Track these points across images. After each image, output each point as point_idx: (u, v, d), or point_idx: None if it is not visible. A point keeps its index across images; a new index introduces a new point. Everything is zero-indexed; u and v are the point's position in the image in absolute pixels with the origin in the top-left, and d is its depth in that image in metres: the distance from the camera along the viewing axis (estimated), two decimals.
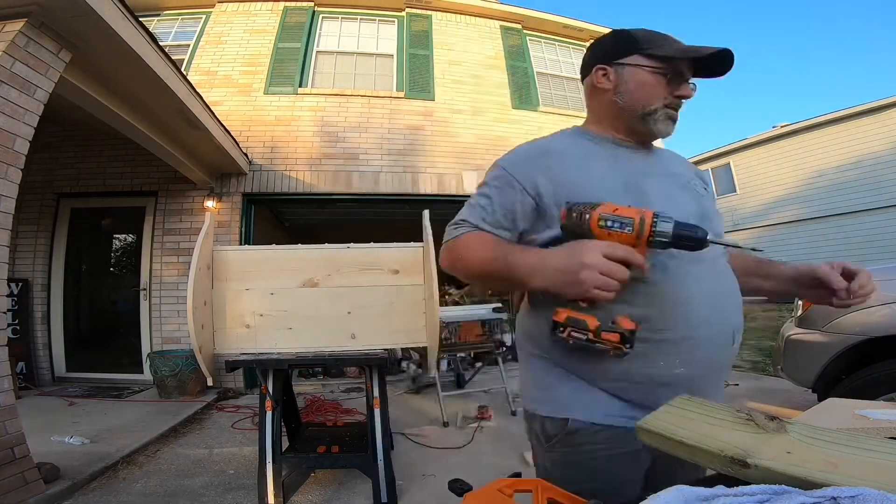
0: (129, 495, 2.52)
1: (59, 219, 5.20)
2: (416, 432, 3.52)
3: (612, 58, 0.96)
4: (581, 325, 0.78)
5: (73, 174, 5.22)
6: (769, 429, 0.56)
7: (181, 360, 4.39)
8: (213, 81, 5.82)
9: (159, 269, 5.07)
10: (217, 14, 6.36)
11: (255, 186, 5.43)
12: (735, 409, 0.63)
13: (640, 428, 0.61)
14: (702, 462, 0.54)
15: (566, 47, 7.61)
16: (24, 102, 2.37)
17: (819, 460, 0.48)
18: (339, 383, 5.24)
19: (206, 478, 2.77)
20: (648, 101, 0.93)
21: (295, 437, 2.87)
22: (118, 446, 3.06)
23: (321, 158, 5.69)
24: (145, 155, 4.50)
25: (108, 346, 5.25)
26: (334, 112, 5.92)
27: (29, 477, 2.30)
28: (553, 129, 1.02)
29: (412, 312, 2.55)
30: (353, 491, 2.58)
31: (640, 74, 0.93)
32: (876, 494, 0.39)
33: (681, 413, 0.63)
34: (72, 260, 5.25)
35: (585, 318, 0.78)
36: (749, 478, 0.48)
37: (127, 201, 5.32)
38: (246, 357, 2.39)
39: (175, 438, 3.47)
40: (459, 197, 6.02)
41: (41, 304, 4.98)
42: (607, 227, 0.76)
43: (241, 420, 3.92)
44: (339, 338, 2.52)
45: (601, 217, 0.77)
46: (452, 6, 6.88)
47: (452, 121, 6.27)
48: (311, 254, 2.59)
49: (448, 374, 5.39)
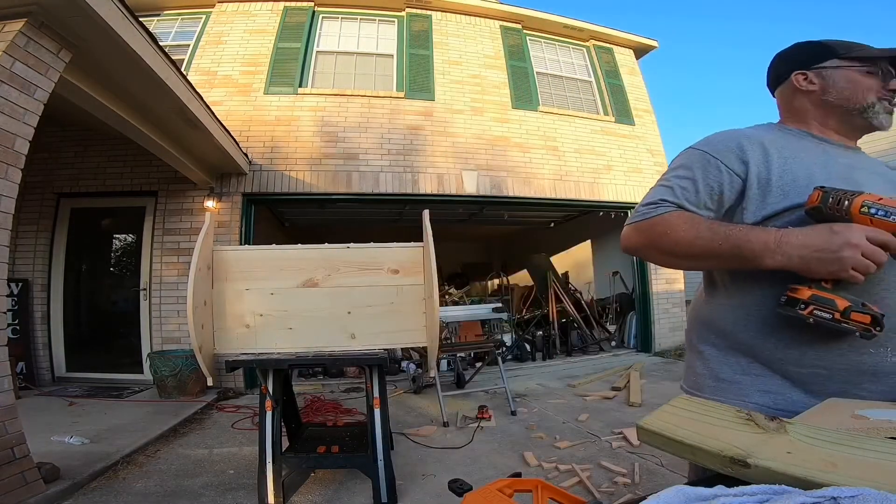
0: (129, 495, 2.53)
1: (59, 219, 5.20)
2: (416, 432, 3.52)
3: (810, 63, 1.04)
4: (828, 305, 0.78)
5: (73, 174, 5.22)
6: (769, 429, 0.56)
7: (181, 360, 4.39)
8: (213, 81, 5.83)
9: (159, 269, 5.07)
10: (217, 14, 6.36)
11: (255, 186, 5.43)
12: (735, 409, 0.63)
13: (641, 428, 0.61)
14: (702, 462, 0.54)
15: (566, 47, 7.62)
16: (24, 102, 2.37)
17: (819, 460, 0.48)
18: (339, 383, 5.24)
19: (206, 478, 2.77)
20: (863, 97, 0.99)
21: (295, 437, 2.87)
22: (118, 446, 3.06)
23: (321, 158, 5.69)
24: (145, 155, 4.50)
25: (108, 346, 5.25)
26: (334, 112, 5.92)
27: (29, 477, 2.30)
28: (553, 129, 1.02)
29: (412, 312, 2.55)
30: (353, 491, 2.57)
31: (850, 73, 1.00)
32: (876, 494, 0.38)
33: (681, 413, 0.63)
34: (72, 260, 5.25)
35: (834, 297, 0.78)
36: (749, 478, 0.48)
37: (127, 201, 5.32)
38: (246, 357, 2.39)
39: (175, 438, 3.47)
40: (459, 197, 6.03)
41: (41, 304, 4.98)
42: (870, 213, 0.78)
43: (242, 420, 3.92)
44: (339, 338, 2.52)
45: (865, 204, 0.79)
46: (452, 6, 6.88)
47: (452, 121, 6.27)
48: (311, 254, 2.59)
49: (448, 374, 5.40)
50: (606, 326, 7.36)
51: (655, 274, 6.87)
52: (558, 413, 3.98)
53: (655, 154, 7.33)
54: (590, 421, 3.72)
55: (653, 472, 2.69)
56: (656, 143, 7.41)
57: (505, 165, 6.29)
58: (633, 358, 6.41)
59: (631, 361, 6.07)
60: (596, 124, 7.07)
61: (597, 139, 6.96)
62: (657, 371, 5.58)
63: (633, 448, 3.04)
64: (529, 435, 3.45)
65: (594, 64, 7.56)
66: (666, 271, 6.93)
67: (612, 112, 7.22)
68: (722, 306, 1.00)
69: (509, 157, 6.35)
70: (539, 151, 6.54)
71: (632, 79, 7.64)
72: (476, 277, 10.59)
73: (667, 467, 2.69)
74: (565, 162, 6.64)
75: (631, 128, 7.28)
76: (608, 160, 6.92)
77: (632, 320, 7.16)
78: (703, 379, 1.02)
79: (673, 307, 6.98)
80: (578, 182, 6.61)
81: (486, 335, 5.84)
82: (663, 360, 6.25)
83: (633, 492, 2.48)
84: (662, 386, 4.79)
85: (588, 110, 7.23)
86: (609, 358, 6.51)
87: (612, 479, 2.62)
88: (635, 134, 7.28)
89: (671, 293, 7.00)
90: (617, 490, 2.51)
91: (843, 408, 0.68)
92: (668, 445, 0.58)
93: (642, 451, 2.96)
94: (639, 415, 3.76)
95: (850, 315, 0.76)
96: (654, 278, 6.85)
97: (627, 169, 7.02)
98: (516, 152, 6.41)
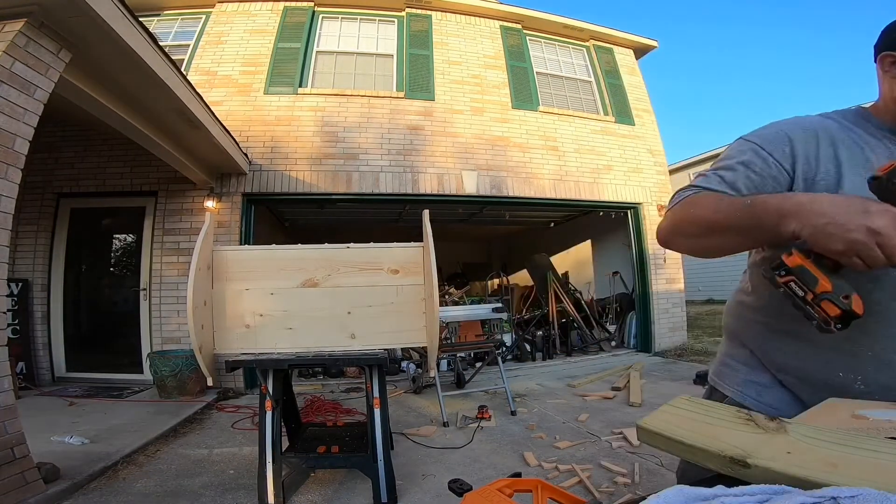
0: (129, 495, 2.53)
1: (58, 219, 5.20)
2: (416, 432, 3.52)
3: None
4: (809, 281, 0.69)
5: (72, 174, 5.22)
6: (769, 429, 0.56)
7: (181, 360, 4.39)
8: (213, 81, 5.83)
9: (159, 269, 5.07)
10: (217, 14, 6.36)
11: (255, 186, 5.44)
12: (735, 409, 0.63)
13: (641, 428, 0.61)
14: (702, 462, 0.54)
15: (566, 47, 7.62)
16: (23, 102, 2.37)
17: (819, 460, 0.48)
18: (339, 383, 5.24)
19: (206, 478, 2.77)
20: None
21: (295, 437, 2.87)
22: (118, 446, 3.06)
23: (321, 158, 5.69)
24: (145, 155, 4.50)
25: (108, 346, 5.25)
26: (334, 112, 5.92)
27: (29, 477, 2.30)
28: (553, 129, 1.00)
29: (412, 312, 2.55)
30: (353, 491, 2.57)
31: None
32: (876, 494, 0.38)
33: (681, 413, 0.63)
34: (72, 260, 5.25)
35: (822, 277, 0.68)
36: (749, 478, 0.48)
37: (127, 201, 5.32)
38: (246, 357, 2.39)
39: (175, 438, 3.47)
40: (459, 197, 6.03)
41: (41, 304, 4.98)
42: None
43: (241, 420, 3.92)
44: (338, 338, 2.52)
45: None
46: (452, 6, 6.88)
47: (452, 120, 6.27)
48: (311, 254, 2.59)
49: (448, 374, 5.40)
50: (606, 326, 7.36)
51: (655, 274, 6.87)
52: (558, 413, 3.98)
53: (655, 154, 7.33)
54: (590, 421, 3.72)
55: (653, 472, 2.69)
56: (656, 143, 7.41)
57: (505, 165, 6.29)
58: (632, 358, 6.41)
59: (631, 361, 6.06)
60: (596, 124, 7.07)
61: (597, 139, 6.97)
62: (657, 371, 5.58)
63: (633, 448, 3.04)
64: (529, 435, 3.45)
65: (594, 64, 7.56)
66: (666, 271, 6.93)
67: (612, 112, 7.22)
68: (739, 293, 1.03)
69: (509, 157, 6.35)
70: (539, 151, 6.54)
71: (632, 79, 7.64)
72: (476, 277, 10.59)
73: (667, 467, 2.69)
74: (565, 162, 6.64)
75: (631, 128, 7.28)
76: (608, 160, 6.92)
77: (632, 320, 7.16)
78: (717, 361, 1.06)
79: (673, 307, 6.98)
80: (578, 182, 6.61)
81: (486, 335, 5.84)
82: (663, 360, 6.25)
83: (634, 492, 2.48)
84: (662, 386, 4.79)
85: (588, 110, 7.22)
86: (609, 358, 6.51)
87: (612, 479, 2.62)
88: (635, 134, 7.28)
89: (671, 293, 7.00)
90: (617, 490, 2.51)
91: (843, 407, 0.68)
92: (668, 445, 0.58)
93: (642, 451, 2.96)
94: (639, 415, 3.77)
95: (821, 302, 0.67)
96: (654, 278, 6.85)
97: (627, 169, 7.02)
98: (516, 152, 6.41)
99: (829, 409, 0.69)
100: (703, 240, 0.85)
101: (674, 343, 6.81)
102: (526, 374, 5.66)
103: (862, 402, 0.71)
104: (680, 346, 6.76)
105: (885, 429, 0.57)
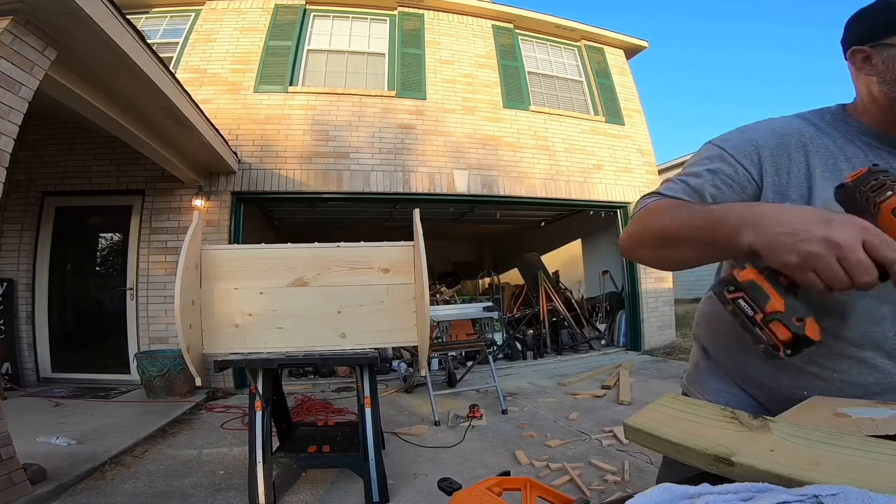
0: (117, 496, 2.50)
1: (43, 217, 5.12)
2: (407, 431, 3.52)
3: (877, 37, 0.75)
4: (759, 299, 0.60)
5: (58, 172, 5.14)
6: (753, 427, 0.57)
7: (169, 361, 4.34)
8: (202, 79, 5.77)
9: (146, 269, 5.02)
10: (207, 12, 6.29)
11: (244, 185, 5.39)
12: (720, 407, 0.64)
13: (628, 426, 0.62)
14: (688, 460, 0.54)
15: (557, 47, 7.64)
16: (8, 100, 2.33)
17: (802, 458, 0.49)
18: (330, 383, 5.22)
19: (196, 478, 2.75)
20: None
21: (285, 437, 2.86)
22: (105, 447, 3.03)
23: (312, 157, 5.66)
24: (132, 153, 4.44)
25: (94, 347, 5.17)
26: (325, 110, 5.89)
27: (16, 478, 2.28)
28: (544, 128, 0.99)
29: (403, 311, 2.55)
30: (345, 491, 2.57)
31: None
32: (857, 492, 0.39)
33: (667, 412, 0.64)
34: (57, 259, 5.17)
35: (774, 295, 0.59)
36: (733, 476, 0.49)
37: (113, 200, 5.26)
38: (235, 357, 2.38)
39: (163, 439, 3.44)
40: (450, 196, 6.04)
41: (26, 304, 4.90)
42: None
43: (231, 420, 3.89)
44: (329, 337, 2.51)
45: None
46: (444, 5, 6.87)
47: (444, 119, 6.26)
48: (301, 253, 2.58)
49: (439, 373, 5.40)
50: (596, 325, 7.41)
51: (644, 273, 6.92)
52: (549, 411, 4.00)
53: (645, 154, 7.38)
54: (580, 419, 3.74)
55: (642, 470, 2.71)
56: (646, 143, 7.46)
57: (496, 164, 6.30)
58: (622, 356, 6.46)
59: (620, 360, 6.11)
60: (586, 124, 7.10)
61: (587, 139, 7.00)
62: (646, 369, 5.62)
63: (623, 446, 3.06)
64: (520, 433, 3.46)
65: (585, 64, 7.59)
66: (655, 270, 6.99)
67: (602, 112, 7.26)
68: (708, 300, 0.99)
69: (500, 157, 6.36)
70: (530, 151, 6.56)
71: (622, 79, 7.69)
72: (467, 276, 10.60)
73: (656, 465, 2.70)
74: (556, 161, 6.66)
75: (621, 127, 7.32)
76: (598, 160, 6.96)
77: (621, 319, 7.21)
78: (689, 366, 1.04)
79: (662, 306, 7.04)
80: (569, 181, 6.64)
81: (478, 334, 5.85)
82: (652, 359, 6.30)
83: (623, 489, 2.50)
84: (651, 384, 4.83)
85: (579, 110, 7.26)
86: (599, 356, 6.55)
87: (602, 477, 2.65)
88: (625, 133, 7.32)
89: (660, 292, 7.06)
90: (607, 488, 2.53)
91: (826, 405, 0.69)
92: (655, 444, 0.58)
93: (632, 448, 2.98)
94: (628, 413, 3.79)
95: (770, 323, 0.59)
96: (644, 277, 6.90)
97: (617, 168, 7.06)
98: (507, 151, 6.42)
99: (812, 407, 0.70)
100: (660, 251, 0.79)
101: (663, 341, 6.87)
102: (517, 373, 5.68)
103: (844, 399, 0.72)
104: (669, 345, 6.82)
105: (866, 427, 0.58)
